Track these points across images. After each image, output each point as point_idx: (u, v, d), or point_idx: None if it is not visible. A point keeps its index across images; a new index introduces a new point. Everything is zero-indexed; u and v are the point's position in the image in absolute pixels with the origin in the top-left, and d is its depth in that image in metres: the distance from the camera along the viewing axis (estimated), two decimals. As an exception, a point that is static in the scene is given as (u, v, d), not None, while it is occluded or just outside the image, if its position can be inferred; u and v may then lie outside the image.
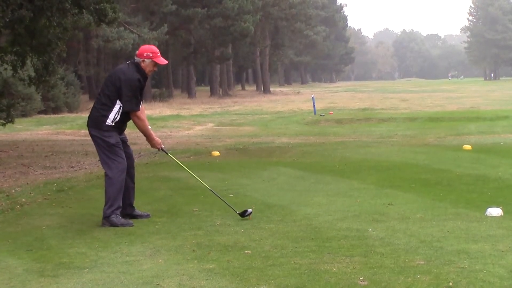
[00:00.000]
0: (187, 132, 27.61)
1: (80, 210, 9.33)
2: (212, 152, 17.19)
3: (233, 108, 46.01)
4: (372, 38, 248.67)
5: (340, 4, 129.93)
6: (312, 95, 41.58)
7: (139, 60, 8.36)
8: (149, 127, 8.51)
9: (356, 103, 47.61)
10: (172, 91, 61.04)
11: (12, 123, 22.48)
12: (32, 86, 21.48)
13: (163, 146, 8.73)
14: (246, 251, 6.50)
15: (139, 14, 50.83)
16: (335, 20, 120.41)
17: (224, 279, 5.57)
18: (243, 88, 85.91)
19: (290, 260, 6.11)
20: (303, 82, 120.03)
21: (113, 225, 8.04)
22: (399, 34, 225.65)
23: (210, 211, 8.78)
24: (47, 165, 15.59)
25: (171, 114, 39.00)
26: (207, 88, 72.17)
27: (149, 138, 8.55)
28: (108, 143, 8.23)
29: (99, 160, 8.60)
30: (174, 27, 54.94)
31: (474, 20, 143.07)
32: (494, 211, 8.03)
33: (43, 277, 5.86)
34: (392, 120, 30.99)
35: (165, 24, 49.69)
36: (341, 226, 7.57)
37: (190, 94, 61.05)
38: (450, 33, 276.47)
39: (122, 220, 8.12)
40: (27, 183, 12.39)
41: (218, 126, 31.00)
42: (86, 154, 17.78)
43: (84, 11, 18.22)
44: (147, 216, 8.55)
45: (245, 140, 22.01)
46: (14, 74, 19.97)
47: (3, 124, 21.97)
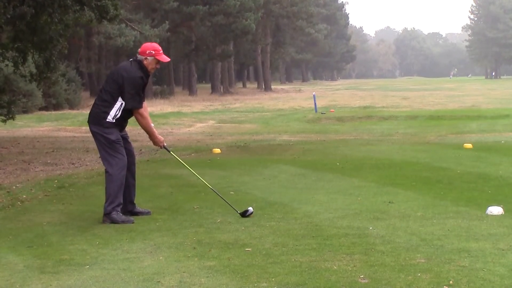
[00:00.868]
0: (188, 129, 27.60)
1: (80, 207, 9.32)
2: (213, 149, 17.19)
3: (234, 105, 46.00)
4: (374, 36, 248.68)
5: (342, 2, 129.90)
6: (313, 93, 41.58)
7: (141, 58, 8.35)
8: (151, 124, 8.51)
9: (357, 101, 47.63)
10: (173, 88, 60.99)
11: (13, 120, 22.46)
12: (33, 82, 21.47)
13: (165, 144, 8.73)
14: (246, 249, 6.51)
15: (141, 11, 50.81)
16: (336, 18, 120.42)
17: (225, 277, 5.58)
18: (244, 86, 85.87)
19: (291, 257, 6.11)
20: (304, 80, 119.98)
21: (113, 222, 8.04)
22: (401, 32, 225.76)
23: (211, 208, 8.78)
24: (48, 161, 15.59)
25: (172, 111, 39.00)
26: (208, 85, 72.21)
27: (151, 136, 8.55)
28: (108, 139, 8.22)
29: (99, 156, 8.60)
30: (175, 24, 54.93)
31: (476, 18, 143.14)
32: (495, 210, 8.04)
33: (44, 273, 5.86)
34: (393, 118, 30.99)
35: (166, 21, 49.69)
36: (341, 224, 7.57)
37: (191, 91, 61.04)
38: (452, 31, 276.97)
39: (123, 217, 8.12)
40: (28, 180, 12.39)
41: (219, 123, 30.99)
42: (87, 151, 17.78)
43: (85, 8, 18.20)
44: (148, 213, 8.55)
45: (246, 138, 22.01)
46: (15, 71, 19.94)
47: (4, 121, 21.96)
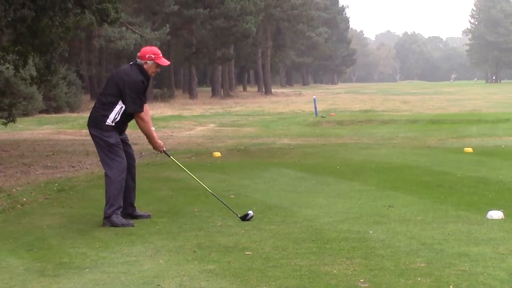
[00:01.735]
0: (188, 132, 27.60)
1: (81, 210, 9.32)
2: (213, 152, 17.18)
3: (234, 109, 46.02)
4: (374, 40, 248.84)
5: (342, 5, 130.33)
6: (313, 97, 41.58)
7: (141, 62, 8.34)
8: (152, 128, 8.48)
9: (358, 104, 47.64)
10: (173, 92, 61.04)
11: (14, 123, 22.50)
12: (34, 85, 21.53)
13: (165, 148, 8.71)
14: (246, 252, 6.51)
15: (141, 14, 50.90)
16: (337, 22, 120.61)
17: (225, 280, 5.58)
18: (244, 89, 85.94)
19: (291, 261, 6.11)
20: (304, 84, 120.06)
21: (113, 225, 8.03)
22: (401, 36, 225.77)
23: (211, 211, 8.78)
24: (48, 164, 15.59)
25: (172, 115, 39.01)
26: (209, 88, 72.20)
27: (151, 140, 8.52)
28: (108, 142, 8.22)
29: (99, 159, 8.59)
30: (176, 27, 54.98)
31: (476, 22, 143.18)
32: (495, 214, 8.03)
33: (44, 276, 5.86)
34: (393, 122, 30.99)
35: (167, 25, 49.74)
36: (342, 228, 7.57)
37: (192, 95, 61.07)
38: (452, 35, 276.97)
39: (123, 220, 8.11)
40: (28, 183, 12.39)
41: (219, 126, 30.99)
42: (87, 154, 17.78)
43: (86, 10, 18.22)
44: (148, 216, 8.54)
45: (246, 141, 22.00)
46: (16, 74, 19.95)
47: (4, 124, 21.98)
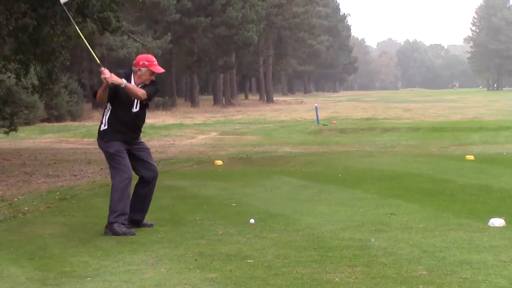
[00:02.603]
0: (190, 141, 27.61)
1: (82, 218, 9.32)
2: (215, 161, 17.18)
3: (236, 117, 46.04)
4: (376, 47, 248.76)
5: (344, 13, 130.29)
6: (315, 105, 41.61)
7: (135, 69, 8.34)
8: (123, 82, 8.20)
9: (359, 112, 47.65)
10: (175, 100, 61.04)
11: (15, 131, 22.54)
12: (36, 94, 21.55)
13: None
14: (248, 261, 6.50)
15: (143, 23, 50.94)
16: (338, 30, 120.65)
17: (226, 289, 5.57)
18: (246, 97, 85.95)
19: (293, 269, 6.11)
20: (306, 92, 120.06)
21: (115, 233, 8.03)
22: (403, 44, 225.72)
23: (212, 220, 8.78)
24: (50, 173, 15.59)
25: (174, 123, 39.01)
26: (211, 97, 72.22)
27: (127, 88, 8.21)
28: (108, 152, 8.30)
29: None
30: (177, 36, 55.04)
31: (477, 30, 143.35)
32: (497, 222, 8.03)
33: (45, 285, 5.86)
34: (395, 130, 30.98)
35: (168, 33, 49.82)
36: (343, 236, 7.57)
37: (193, 103, 61.11)
38: (453, 43, 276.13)
39: (124, 229, 8.10)
40: (30, 192, 12.39)
41: (221, 135, 31.00)
42: (89, 163, 17.79)
43: (87, 19, 18.24)
44: (150, 225, 8.53)
45: (248, 149, 22.01)
46: (18, 82, 20.00)
47: (6, 132, 22.02)
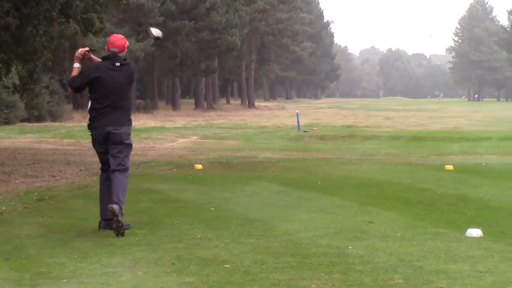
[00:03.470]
0: (170, 144, 27.53)
1: (60, 220, 9.27)
2: (195, 165, 17.14)
3: (217, 121, 46.00)
4: (358, 55, 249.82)
5: (327, 20, 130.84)
6: (296, 111, 41.65)
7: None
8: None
9: (340, 120, 47.77)
10: (156, 103, 60.89)
11: (-5, 130, 22.37)
12: (16, 94, 21.39)
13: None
14: (225, 266, 6.50)
15: (126, 25, 50.80)
16: (321, 37, 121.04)
17: (203, 293, 5.56)
18: (227, 102, 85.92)
19: (270, 275, 6.11)
20: (288, 98, 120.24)
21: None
22: (385, 52, 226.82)
23: (191, 224, 8.76)
24: (29, 173, 15.49)
25: (155, 126, 38.91)
26: (192, 100, 72.15)
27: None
28: (131, 145, 8.74)
29: None
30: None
31: (460, 40, 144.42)
32: (474, 232, 8.07)
33: (21, 286, 5.82)
34: (375, 138, 31.08)
35: (152, 36, 49.65)
36: (321, 243, 7.58)
37: (175, 106, 60.99)
38: (436, 53, 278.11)
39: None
40: (8, 191, 12.29)
41: (201, 139, 30.94)
42: (68, 164, 17.70)
43: (71, 20, 18.17)
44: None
45: (228, 154, 21.98)
46: (-1, 81, 19.87)
47: (-15, 131, 21.85)
